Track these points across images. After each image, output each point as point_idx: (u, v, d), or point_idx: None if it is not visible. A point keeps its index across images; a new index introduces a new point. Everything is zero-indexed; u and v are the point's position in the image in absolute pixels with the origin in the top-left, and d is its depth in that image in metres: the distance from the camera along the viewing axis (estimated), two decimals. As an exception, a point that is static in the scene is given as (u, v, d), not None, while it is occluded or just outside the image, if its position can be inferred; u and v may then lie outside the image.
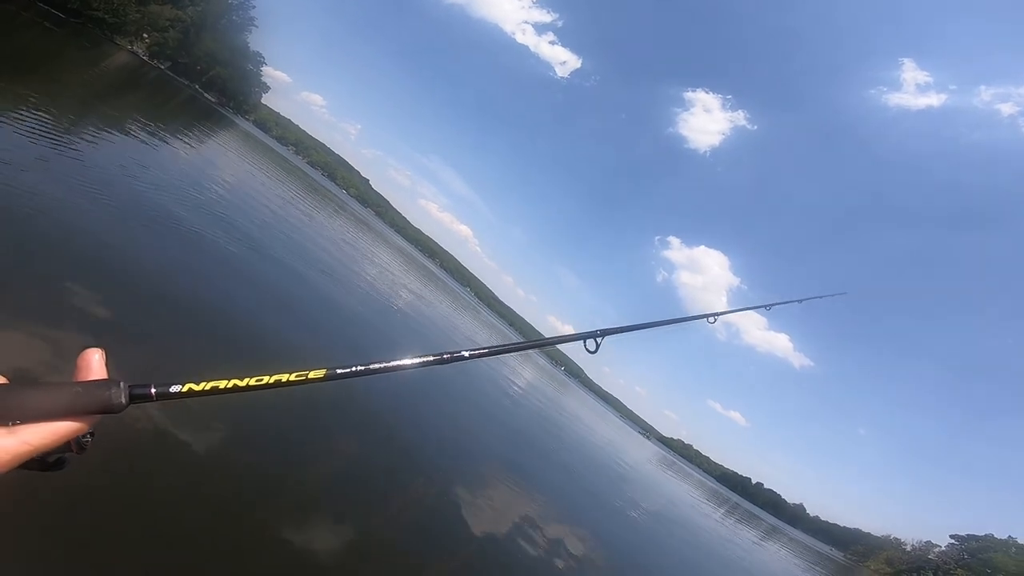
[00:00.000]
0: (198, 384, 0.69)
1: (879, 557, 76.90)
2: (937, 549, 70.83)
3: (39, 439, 0.56)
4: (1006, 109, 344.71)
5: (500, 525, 8.39)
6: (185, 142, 22.45)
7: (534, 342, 1.32)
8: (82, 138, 11.58)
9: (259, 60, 76.71)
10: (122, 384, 0.61)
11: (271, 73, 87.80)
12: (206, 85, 71.40)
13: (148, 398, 0.64)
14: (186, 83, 66.10)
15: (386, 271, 36.08)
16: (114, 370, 0.65)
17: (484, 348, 1.12)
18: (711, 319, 2.55)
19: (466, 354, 1.08)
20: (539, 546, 8.54)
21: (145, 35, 50.81)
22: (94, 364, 0.64)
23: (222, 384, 0.71)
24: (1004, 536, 67.13)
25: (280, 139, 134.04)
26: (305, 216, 29.75)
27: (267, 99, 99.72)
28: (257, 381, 0.73)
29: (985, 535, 68.89)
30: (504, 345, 1.17)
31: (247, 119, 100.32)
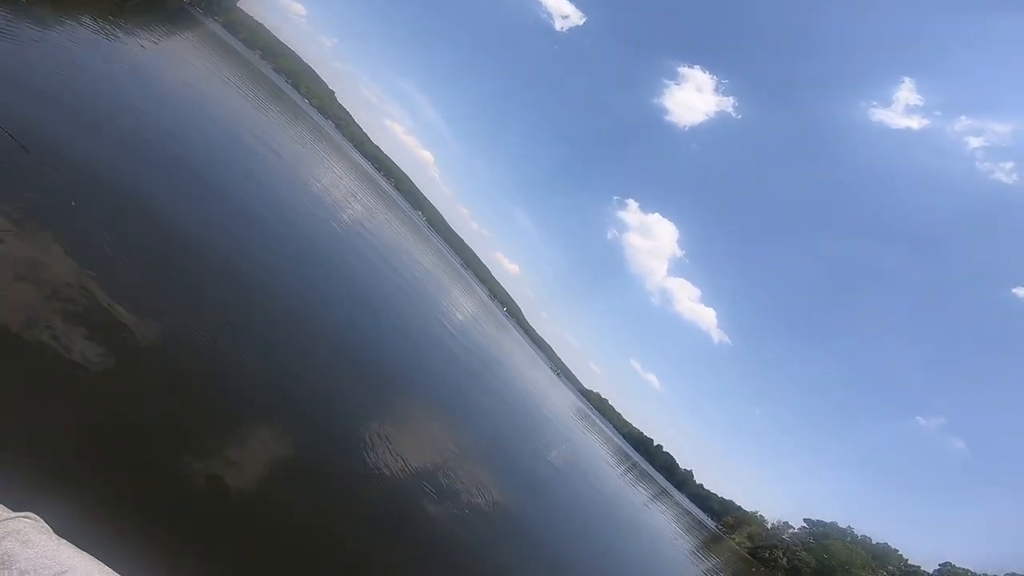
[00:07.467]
0: None
1: (743, 531, 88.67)
2: (791, 530, 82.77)
3: None
4: (973, 142, 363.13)
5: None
6: (122, 39, 20.64)
7: None
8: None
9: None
10: None
11: (252, -23, 79.48)
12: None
13: None
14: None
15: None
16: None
17: None
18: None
19: None
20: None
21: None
22: None
23: None
24: (846, 525, 79.48)
25: (247, 42, 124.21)
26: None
27: (245, 4, 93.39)
28: None
29: (831, 522, 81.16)
30: None
31: (216, 20, 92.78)
